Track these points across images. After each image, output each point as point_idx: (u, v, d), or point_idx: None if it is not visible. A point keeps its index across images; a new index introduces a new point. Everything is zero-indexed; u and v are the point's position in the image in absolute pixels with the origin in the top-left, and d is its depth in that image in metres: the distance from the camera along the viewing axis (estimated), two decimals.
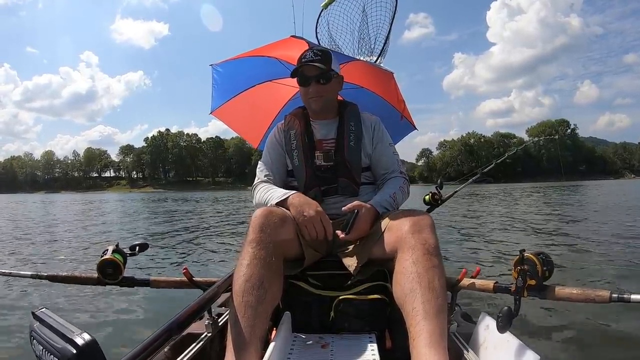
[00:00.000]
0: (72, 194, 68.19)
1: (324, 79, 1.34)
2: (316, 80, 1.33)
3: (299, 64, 1.35)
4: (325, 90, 1.35)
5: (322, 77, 1.33)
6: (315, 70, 1.32)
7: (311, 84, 1.34)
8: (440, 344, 0.81)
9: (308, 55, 1.33)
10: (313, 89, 1.34)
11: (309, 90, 1.35)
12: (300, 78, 1.36)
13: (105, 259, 1.13)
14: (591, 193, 19.94)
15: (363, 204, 1.17)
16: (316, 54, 1.33)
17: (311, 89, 1.34)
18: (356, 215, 1.14)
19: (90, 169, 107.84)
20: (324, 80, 1.34)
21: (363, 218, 1.14)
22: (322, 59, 1.32)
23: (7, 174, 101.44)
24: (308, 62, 1.32)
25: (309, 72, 1.33)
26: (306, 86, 1.35)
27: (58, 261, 4.55)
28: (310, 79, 1.33)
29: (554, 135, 41.08)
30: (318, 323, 1.13)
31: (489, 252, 4.65)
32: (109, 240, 6.67)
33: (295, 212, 1.14)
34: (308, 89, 1.35)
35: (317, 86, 1.34)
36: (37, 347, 0.64)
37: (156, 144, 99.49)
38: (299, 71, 1.34)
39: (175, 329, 0.77)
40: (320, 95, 1.35)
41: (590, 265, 3.77)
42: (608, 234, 5.69)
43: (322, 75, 1.33)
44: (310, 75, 1.33)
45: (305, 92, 1.37)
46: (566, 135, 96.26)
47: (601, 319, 2.30)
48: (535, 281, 0.88)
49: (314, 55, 1.33)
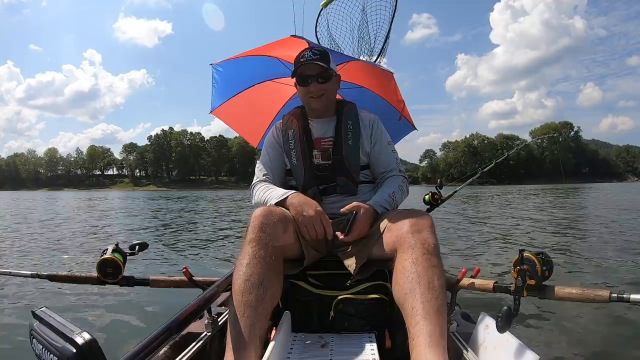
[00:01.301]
0: (75, 192, 68.18)
1: (323, 78, 1.33)
2: (316, 79, 1.33)
3: (298, 63, 1.34)
4: (325, 88, 1.35)
5: (322, 75, 1.33)
6: (315, 69, 1.32)
7: (311, 83, 1.33)
8: (440, 344, 0.81)
9: (307, 55, 1.33)
10: (314, 87, 1.33)
11: (309, 89, 1.34)
12: (300, 77, 1.35)
13: (105, 258, 1.13)
14: (593, 195, 19.92)
15: (362, 204, 1.17)
16: (315, 53, 1.33)
17: (312, 87, 1.33)
18: (355, 216, 1.13)
19: (93, 167, 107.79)
20: (323, 79, 1.33)
21: (362, 218, 1.14)
22: (321, 57, 1.32)
23: (10, 171, 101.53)
24: (307, 61, 1.31)
25: (308, 71, 1.32)
26: (306, 85, 1.34)
27: (58, 260, 4.55)
28: (311, 77, 1.33)
29: (553, 134, 40.95)
30: (318, 322, 1.13)
31: (489, 252, 4.65)
32: (111, 236, 6.68)
33: (295, 212, 1.13)
34: (308, 87, 1.34)
35: (317, 85, 1.33)
36: (37, 346, 0.64)
37: (159, 143, 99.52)
38: (298, 71, 1.33)
39: (175, 328, 0.78)
40: (321, 94, 1.34)
41: (590, 265, 3.77)
42: (608, 234, 5.70)
43: (322, 74, 1.33)
44: (311, 74, 1.32)
45: (305, 92, 1.36)
46: (570, 137, 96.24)
47: (601, 318, 2.30)
48: (535, 281, 0.88)
49: (312, 55, 1.32)
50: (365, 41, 2.24)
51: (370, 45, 2.23)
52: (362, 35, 2.24)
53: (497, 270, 3.66)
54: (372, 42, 2.22)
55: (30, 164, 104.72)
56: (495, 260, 4.15)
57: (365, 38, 2.24)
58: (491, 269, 3.70)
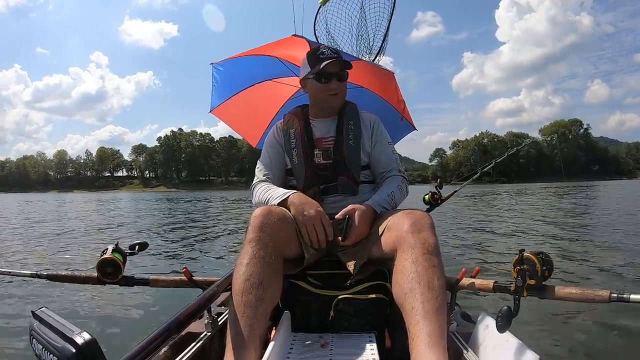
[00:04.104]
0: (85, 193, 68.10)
1: (342, 76, 1.34)
2: (336, 77, 1.33)
3: (319, 60, 1.31)
4: (342, 87, 1.35)
5: (341, 74, 1.34)
6: (337, 67, 1.32)
7: (332, 81, 1.33)
8: (440, 344, 0.81)
9: (326, 52, 1.33)
10: (334, 84, 1.33)
11: (330, 86, 1.33)
12: (322, 75, 1.33)
13: (105, 258, 1.13)
14: (599, 193, 19.70)
15: (358, 206, 1.17)
16: (333, 51, 1.34)
17: (333, 85, 1.33)
18: (348, 221, 1.14)
19: (103, 169, 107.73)
20: (341, 77, 1.34)
21: (360, 219, 1.14)
22: (339, 57, 1.33)
23: (20, 174, 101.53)
24: (329, 58, 1.30)
25: (331, 69, 1.32)
26: (327, 83, 1.33)
27: (59, 260, 4.55)
28: (332, 75, 1.33)
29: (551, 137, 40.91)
30: (318, 322, 1.13)
31: (489, 251, 4.65)
32: (112, 236, 6.68)
33: (295, 212, 1.13)
34: (329, 85, 1.33)
35: (337, 83, 1.33)
36: (37, 346, 0.64)
37: (169, 144, 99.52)
38: (321, 68, 1.30)
39: (174, 328, 0.77)
40: (340, 92, 1.35)
41: (591, 265, 3.77)
42: (608, 234, 5.70)
43: (341, 73, 1.33)
44: (333, 72, 1.32)
45: (325, 89, 1.34)
46: (579, 135, 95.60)
47: (601, 318, 2.30)
48: (535, 281, 0.88)
49: (331, 52, 1.33)
50: (364, 39, 2.24)
51: (369, 44, 2.23)
52: (360, 34, 2.24)
53: (497, 270, 3.66)
54: (371, 40, 2.22)
55: (40, 166, 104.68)
56: (495, 260, 4.15)
57: (364, 36, 2.23)
58: (491, 269, 3.70)
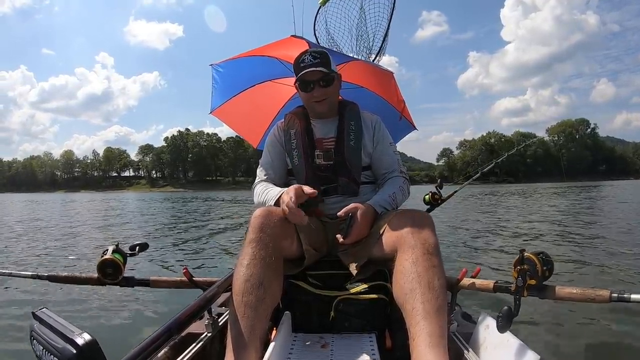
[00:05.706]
0: (92, 193, 67.95)
1: (325, 82, 1.32)
2: (318, 84, 1.31)
3: (299, 69, 1.31)
4: (328, 92, 1.33)
5: (324, 80, 1.31)
6: (317, 75, 1.30)
7: (314, 88, 1.32)
8: (440, 344, 0.81)
9: (307, 60, 1.30)
10: (317, 92, 1.32)
11: (313, 94, 1.32)
12: (302, 83, 1.33)
13: (105, 259, 1.13)
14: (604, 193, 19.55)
15: (359, 205, 1.16)
16: (315, 56, 1.30)
17: (315, 92, 1.32)
18: (351, 219, 1.13)
19: (109, 169, 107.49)
20: (325, 82, 1.32)
21: (361, 219, 1.14)
22: (322, 61, 1.30)
23: (26, 174, 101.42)
24: (308, 66, 1.29)
25: (311, 77, 1.31)
26: (309, 91, 1.33)
27: (60, 260, 4.55)
28: (313, 83, 1.31)
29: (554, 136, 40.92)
30: (318, 323, 1.13)
31: (489, 251, 4.65)
32: (117, 235, 6.68)
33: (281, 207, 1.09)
34: (312, 93, 1.32)
35: (320, 89, 1.32)
36: (37, 347, 0.64)
37: (176, 144, 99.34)
38: (300, 77, 1.31)
39: (175, 328, 0.77)
40: (324, 98, 1.33)
41: (591, 265, 3.77)
42: (608, 234, 5.70)
43: (324, 78, 1.31)
44: (313, 80, 1.31)
45: (308, 97, 1.34)
46: (586, 134, 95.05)
47: (601, 318, 2.30)
48: (536, 281, 0.88)
49: (312, 59, 1.30)
50: (363, 39, 2.24)
51: (369, 44, 2.22)
52: (360, 34, 2.24)
53: (498, 270, 3.66)
54: (371, 40, 2.22)
55: (47, 166, 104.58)
56: (496, 260, 4.14)
57: (364, 36, 2.23)
58: (491, 269, 3.70)
